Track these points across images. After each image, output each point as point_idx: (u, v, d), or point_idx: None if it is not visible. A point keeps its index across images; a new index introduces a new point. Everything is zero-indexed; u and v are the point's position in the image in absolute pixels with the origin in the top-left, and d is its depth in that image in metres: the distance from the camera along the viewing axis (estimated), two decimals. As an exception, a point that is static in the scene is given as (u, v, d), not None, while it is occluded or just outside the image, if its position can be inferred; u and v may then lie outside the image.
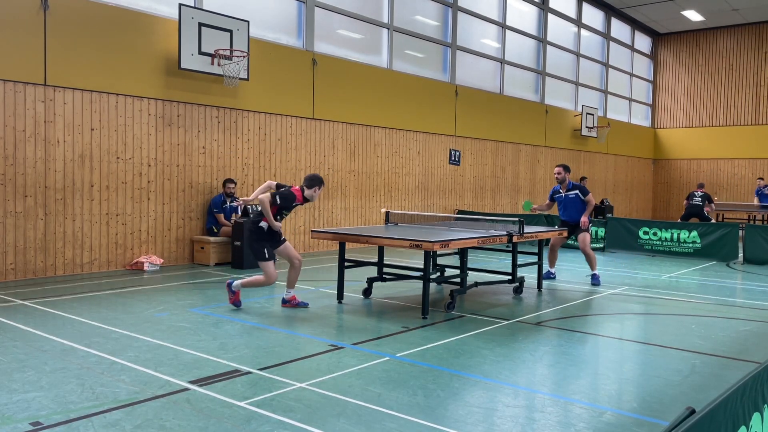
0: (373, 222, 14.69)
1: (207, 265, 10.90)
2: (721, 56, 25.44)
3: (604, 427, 4.08)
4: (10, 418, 4.03)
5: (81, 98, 9.79)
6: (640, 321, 7.53)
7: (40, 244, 9.41)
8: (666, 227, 13.94)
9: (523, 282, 8.83)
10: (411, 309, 7.63)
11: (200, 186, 11.36)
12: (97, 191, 10.00)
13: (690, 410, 2.27)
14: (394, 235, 7.50)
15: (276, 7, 12.98)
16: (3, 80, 8.98)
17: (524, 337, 6.36)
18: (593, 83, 23.39)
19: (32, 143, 9.29)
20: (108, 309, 7.28)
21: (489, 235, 7.80)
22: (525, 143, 19.63)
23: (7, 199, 9.08)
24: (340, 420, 4.08)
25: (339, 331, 6.48)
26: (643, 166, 26.69)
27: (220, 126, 11.65)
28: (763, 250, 12.69)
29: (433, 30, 16.54)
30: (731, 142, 25.09)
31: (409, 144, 15.67)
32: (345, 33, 14.40)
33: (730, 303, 8.57)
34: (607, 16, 23.64)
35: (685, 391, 4.84)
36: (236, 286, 7.36)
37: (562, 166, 10.00)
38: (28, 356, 5.36)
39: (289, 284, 7.60)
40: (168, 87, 10.81)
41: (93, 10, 9.87)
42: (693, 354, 5.86)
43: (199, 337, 6.08)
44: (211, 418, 4.08)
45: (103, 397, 4.42)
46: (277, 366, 5.20)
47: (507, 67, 18.99)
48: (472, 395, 4.62)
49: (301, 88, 13.05)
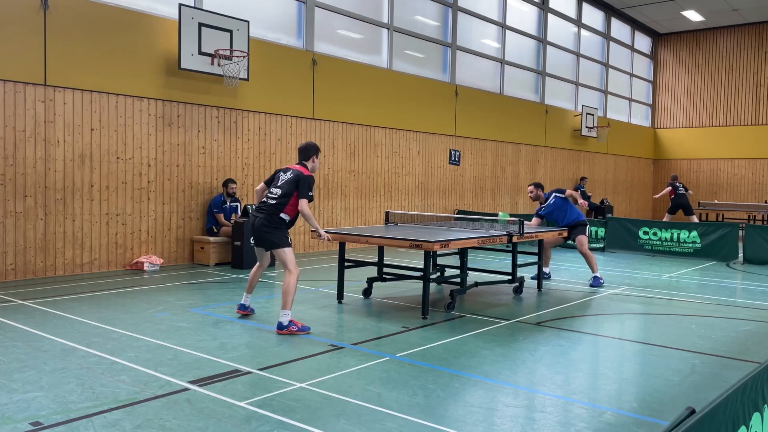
0: (373, 222, 14.69)
1: (207, 265, 10.90)
2: (721, 56, 25.43)
3: (604, 427, 4.08)
4: (10, 418, 4.03)
5: (81, 98, 9.79)
6: (640, 321, 7.53)
7: (40, 244, 9.41)
8: (666, 227, 13.94)
9: (523, 282, 8.83)
10: (411, 309, 7.63)
11: (200, 186, 11.36)
12: (97, 191, 9.99)
13: (690, 410, 2.26)
14: (394, 235, 7.50)
15: (276, 7, 12.98)
16: (3, 80, 8.98)
17: (524, 337, 6.36)
18: (593, 83, 23.38)
19: (32, 143, 9.29)
20: (108, 309, 7.28)
21: (489, 235, 7.80)
22: (525, 143, 19.63)
23: (7, 199, 9.08)
24: (340, 420, 4.08)
25: (339, 331, 6.48)
26: (643, 166, 26.69)
27: (220, 126, 11.65)
28: (763, 250, 12.69)
29: (433, 30, 16.54)
30: (731, 142, 25.09)
31: (409, 144, 15.67)
32: (345, 33, 14.40)
33: (730, 303, 8.57)
34: (607, 16, 23.64)
35: (685, 391, 4.84)
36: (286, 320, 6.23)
37: (534, 184, 10.17)
38: (28, 356, 5.36)
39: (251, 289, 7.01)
40: (168, 87, 10.81)
41: (93, 10, 9.87)
42: (693, 354, 5.86)
43: (199, 337, 6.08)
44: (211, 418, 4.08)
45: (103, 397, 4.42)
46: (277, 366, 5.20)
47: (507, 67, 18.99)
48: (472, 395, 4.62)
49: (301, 88, 13.05)
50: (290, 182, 6.48)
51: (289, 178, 6.52)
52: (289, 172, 6.59)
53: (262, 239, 6.54)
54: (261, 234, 6.51)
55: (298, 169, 6.58)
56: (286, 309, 6.25)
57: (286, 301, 6.27)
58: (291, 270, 6.38)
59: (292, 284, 6.31)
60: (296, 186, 6.45)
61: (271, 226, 6.44)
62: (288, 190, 6.46)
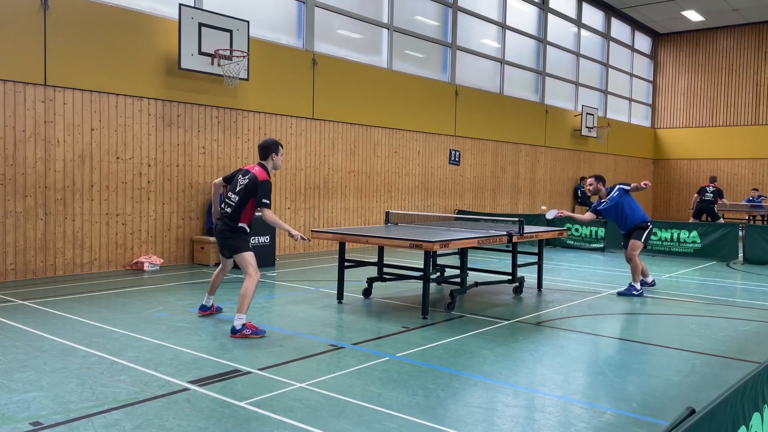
0: (373, 222, 14.69)
1: (207, 265, 10.90)
2: (721, 56, 25.44)
3: (604, 427, 4.08)
4: (10, 418, 4.03)
5: (81, 98, 9.79)
6: (640, 321, 7.53)
7: (40, 244, 9.41)
8: (666, 227, 13.94)
9: (523, 282, 8.83)
10: (411, 309, 7.63)
11: (200, 186, 11.36)
12: (97, 191, 9.99)
13: (690, 410, 2.26)
14: (394, 235, 7.50)
15: (276, 7, 12.98)
16: (3, 80, 8.98)
17: (524, 337, 6.36)
18: (593, 83, 23.38)
19: (32, 143, 9.29)
20: (108, 309, 7.28)
21: (489, 235, 7.80)
22: (525, 143, 19.63)
23: (7, 199, 9.08)
24: (340, 420, 4.07)
25: (339, 331, 6.47)
26: (643, 166, 26.69)
27: (220, 126, 11.65)
28: (763, 250, 12.69)
29: (433, 30, 16.54)
30: (731, 142, 25.09)
31: (409, 144, 15.67)
32: (345, 33, 14.40)
33: (730, 303, 8.57)
34: (607, 16, 23.64)
35: (685, 391, 4.84)
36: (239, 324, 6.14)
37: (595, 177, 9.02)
38: (28, 356, 5.36)
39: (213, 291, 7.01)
40: (168, 87, 10.81)
41: (93, 10, 9.87)
42: (693, 354, 5.86)
43: (199, 337, 6.08)
44: (211, 418, 4.08)
45: (103, 397, 4.42)
46: (277, 366, 5.20)
47: (507, 67, 18.99)
48: (472, 395, 4.62)
49: (301, 88, 13.05)
50: (246, 189, 6.33)
51: (245, 183, 6.36)
52: (246, 176, 6.40)
53: (224, 245, 6.56)
54: (223, 240, 6.52)
55: (255, 173, 6.36)
56: (241, 313, 6.14)
57: (242, 305, 6.16)
58: (251, 274, 6.29)
59: (251, 288, 6.22)
60: (252, 193, 6.30)
61: (231, 233, 6.41)
62: (244, 196, 6.33)
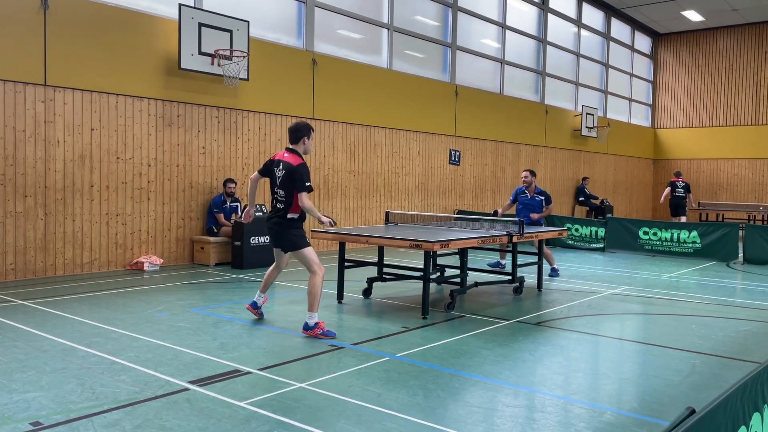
0: (373, 222, 14.69)
1: (207, 265, 10.90)
2: (721, 56, 25.43)
3: (604, 427, 4.08)
4: (10, 418, 4.03)
5: (81, 98, 9.79)
6: (640, 321, 7.53)
7: (40, 244, 9.41)
8: (666, 227, 13.94)
9: (523, 282, 8.83)
10: (411, 309, 7.63)
11: (200, 186, 11.36)
12: (97, 191, 9.99)
13: (690, 410, 2.27)
14: (394, 235, 7.49)
15: (276, 7, 12.98)
16: (3, 80, 8.98)
17: (524, 337, 6.36)
18: (593, 83, 23.38)
19: (32, 143, 9.29)
20: (108, 309, 7.28)
21: (489, 235, 7.80)
22: (525, 143, 19.62)
23: (7, 199, 9.08)
24: (340, 420, 4.07)
25: (339, 331, 6.47)
26: (643, 166, 26.69)
27: (220, 126, 11.65)
28: (763, 250, 12.69)
29: (433, 30, 16.54)
30: (731, 142, 25.08)
31: (409, 144, 15.67)
32: (345, 33, 14.40)
33: (730, 303, 8.57)
34: (607, 16, 23.64)
35: (685, 391, 4.84)
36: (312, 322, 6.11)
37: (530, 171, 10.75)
38: (28, 356, 5.36)
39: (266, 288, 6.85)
40: (168, 87, 10.81)
41: (93, 10, 9.87)
42: (693, 354, 5.86)
43: (199, 337, 6.08)
44: (211, 418, 4.08)
45: (103, 397, 4.42)
46: (277, 366, 5.20)
47: (507, 67, 18.99)
48: (472, 395, 4.62)
49: (301, 88, 13.05)
50: (286, 179, 6.24)
51: (282, 175, 6.27)
52: (281, 167, 6.29)
53: (279, 241, 6.40)
54: (277, 235, 6.36)
55: (287, 161, 6.27)
56: (312, 311, 6.14)
57: (312, 303, 6.13)
58: (315, 271, 6.23)
59: (318, 285, 6.16)
60: (292, 181, 6.22)
61: (285, 227, 6.29)
62: (288, 188, 6.25)
